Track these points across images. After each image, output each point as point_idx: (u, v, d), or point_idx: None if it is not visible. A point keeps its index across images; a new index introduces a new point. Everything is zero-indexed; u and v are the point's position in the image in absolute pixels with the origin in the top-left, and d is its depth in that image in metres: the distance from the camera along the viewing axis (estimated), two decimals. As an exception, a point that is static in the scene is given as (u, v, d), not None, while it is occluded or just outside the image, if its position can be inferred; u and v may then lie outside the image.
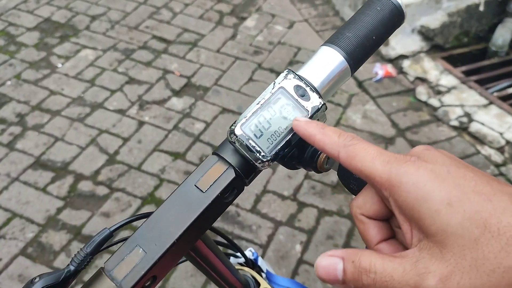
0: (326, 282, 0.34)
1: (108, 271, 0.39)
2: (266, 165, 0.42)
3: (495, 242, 0.28)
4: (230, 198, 0.43)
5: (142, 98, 2.44)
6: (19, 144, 2.20)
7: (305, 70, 0.46)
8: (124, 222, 0.45)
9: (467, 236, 0.29)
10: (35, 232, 1.87)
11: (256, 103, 0.43)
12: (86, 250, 0.42)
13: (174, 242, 0.40)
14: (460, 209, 0.30)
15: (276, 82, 0.44)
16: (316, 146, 0.39)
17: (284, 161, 0.45)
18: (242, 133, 0.42)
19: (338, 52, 0.45)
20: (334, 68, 0.45)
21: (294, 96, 0.43)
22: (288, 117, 0.42)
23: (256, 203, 1.98)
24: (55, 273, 0.41)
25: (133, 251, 0.40)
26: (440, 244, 0.30)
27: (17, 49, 2.73)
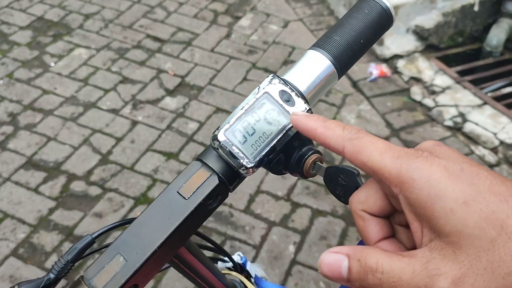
0: (330, 279, 0.33)
1: (88, 280, 0.38)
2: (250, 171, 0.41)
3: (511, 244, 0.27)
4: (214, 204, 0.42)
5: (135, 97, 2.43)
6: (11, 144, 2.18)
7: (291, 74, 0.45)
8: (106, 228, 0.44)
9: (484, 237, 0.28)
10: (26, 233, 1.85)
11: (240, 108, 0.42)
12: (66, 258, 0.41)
13: (156, 250, 0.39)
14: (476, 208, 0.29)
15: (261, 87, 0.43)
16: (318, 140, 0.37)
17: (270, 167, 0.45)
18: (225, 139, 0.41)
19: (324, 56, 0.44)
20: (320, 73, 0.44)
21: (279, 101, 0.42)
22: (273, 122, 0.42)
23: (249, 203, 1.97)
24: (34, 281, 0.40)
25: (114, 259, 0.39)
26: (454, 245, 0.29)
27: (10, 48, 2.71)
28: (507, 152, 2.16)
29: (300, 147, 0.45)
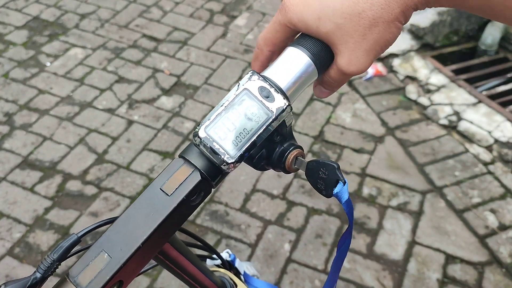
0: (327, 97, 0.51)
1: (73, 277, 0.39)
2: (231, 167, 0.42)
3: (354, 18, 0.41)
4: (197, 200, 0.43)
5: (131, 97, 2.43)
6: (6, 144, 2.18)
7: (271, 71, 0.46)
8: (91, 227, 0.44)
9: (339, 29, 0.42)
10: (22, 232, 1.85)
11: (221, 105, 0.43)
12: (52, 257, 0.41)
13: (140, 246, 0.39)
14: (325, 16, 0.42)
15: (240, 83, 0.43)
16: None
17: (252, 162, 0.45)
18: (206, 136, 0.41)
19: (304, 53, 0.45)
20: (300, 69, 0.45)
21: (258, 98, 0.43)
22: (253, 118, 0.42)
23: (245, 202, 1.97)
24: (21, 281, 0.40)
25: (98, 256, 0.39)
26: (334, 45, 0.44)
27: (5, 47, 2.71)
28: (501, 150, 2.17)
29: (281, 142, 0.46)
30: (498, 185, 2.03)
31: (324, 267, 1.77)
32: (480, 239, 1.85)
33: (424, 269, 1.77)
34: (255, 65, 0.49)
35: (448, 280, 1.74)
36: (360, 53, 0.43)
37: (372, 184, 2.05)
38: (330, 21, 0.42)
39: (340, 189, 0.41)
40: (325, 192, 0.42)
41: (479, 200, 1.98)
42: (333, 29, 0.43)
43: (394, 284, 1.73)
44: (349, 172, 2.10)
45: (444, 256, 1.81)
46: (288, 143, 0.46)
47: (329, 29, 0.43)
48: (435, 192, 2.02)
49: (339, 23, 0.42)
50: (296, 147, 0.46)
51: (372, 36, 0.42)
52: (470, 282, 1.73)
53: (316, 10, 0.43)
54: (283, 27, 0.46)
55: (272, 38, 0.47)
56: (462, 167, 2.11)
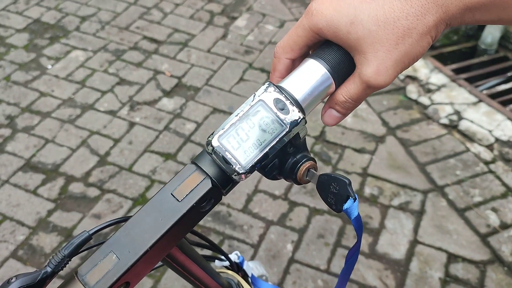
0: (335, 125, 0.48)
1: (81, 276, 0.39)
2: (242, 177, 0.42)
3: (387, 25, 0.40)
4: (207, 207, 0.43)
5: (133, 99, 2.44)
6: (9, 147, 2.19)
7: (288, 82, 0.46)
8: (103, 225, 0.45)
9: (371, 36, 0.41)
10: (25, 235, 1.86)
11: (235, 115, 0.43)
12: (63, 252, 0.42)
13: (147, 250, 0.40)
14: (358, 22, 0.41)
15: (256, 94, 0.43)
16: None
17: (265, 171, 0.46)
18: (219, 145, 0.42)
19: (322, 65, 0.45)
20: (317, 82, 0.45)
21: (273, 109, 0.43)
22: (267, 130, 0.42)
23: (247, 202, 1.98)
24: (32, 274, 0.41)
25: (107, 257, 0.40)
26: (362, 53, 0.42)
27: (7, 50, 2.72)
28: (502, 149, 2.18)
29: (294, 153, 0.46)
30: (499, 184, 2.04)
31: (327, 267, 1.78)
32: (482, 238, 1.86)
33: (426, 268, 1.78)
34: (273, 76, 0.48)
35: (450, 279, 1.75)
36: (389, 64, 0.42)
37: (373, 184, 2.06)
38: (363, 27, 0.41)
39: (350, 205, 0.41)
40: (335, 207, 0.42)
41: (481, 199, 1.98)
42: (364, 35, 0.41)
43: (397, 284, 1.73)
44: (350, 172, 2.10)
45: (446, 255, 1.81)
46: (301, 154, 0.46)
47: (361, 35, 0.41)
48: (436, 192, 2.02)
49: (372, 30, 0.41)
50: (309, 159, 0.46)
51: (404, 47, 0.41)
52: (472, 281, 1.74)
53: (348, 15, 0.42)
54: (307, 32, 0.45)
55: (292, 45, 0.46)
56: (463, 166, 2.12)
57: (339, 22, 0.42)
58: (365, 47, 0.42)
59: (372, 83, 0.43)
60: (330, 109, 0.47)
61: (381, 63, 0.42)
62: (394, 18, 0.40)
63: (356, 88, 0.44)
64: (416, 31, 0.41)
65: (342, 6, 0.42)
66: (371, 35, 0.41)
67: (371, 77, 0.42)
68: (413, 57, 0.42)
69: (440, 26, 0.41)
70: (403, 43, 0.41)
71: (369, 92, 0.44)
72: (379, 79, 0.42)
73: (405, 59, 0.42)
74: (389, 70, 0.42)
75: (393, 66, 0.42)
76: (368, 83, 0.43)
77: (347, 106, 0.46)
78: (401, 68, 0.43)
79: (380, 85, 0.43)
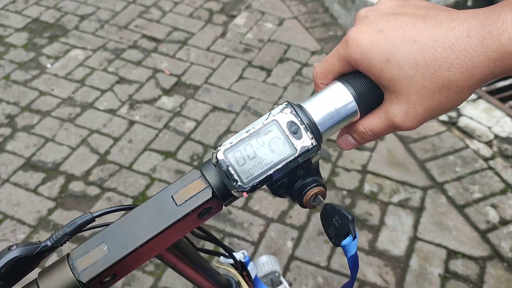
0: (350, 149, 0.48)
1: (72, 260, 0.41)
2: (242, 195, 0.42)
3: (426, 72, 0.38)
4: (205, 216, 0.43)
5: (132, 97, 2.44)
6: (9, 146, 2.19)
7: (311, 103, 0.44)
8: (108, 210, 0.45)
9: (406, 78, 0.39)
10: (26, 233, 1.86)
11: (245, 131, 0.42)
12: (65, 230, 0.43)
13: (138, 247, 0.40)
14: (395, 61, 0.39)
15: (271, 113, 0.42)
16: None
17: (272, 188, 0.44)
18: (223, 159, 0.41)
19: (348, 91, 0.43)
20: (340, 107, 0.43)
21: (285, 132, 0.41)
22: (276, 151, 0.41)
23: (247, 200, 1.98)
24: (32, 245, 0.42)
25: (99, 246, 0.41)
26: (394, 93, 0.40)
27: (6, 50, 2.72)
28: (501, 145, 2.18)
29: (304, 176, 0.44)
30: (499, 180, 2.04)
31: (327, 264, 1.78)
32: (481, 234, 1.86)
33: (426, 265, 1.78)
34: None
35: (450, 275, 1.75)
36: (420, 110, 0.40)
37: (373, 181, 2.06)
38: (400, 68, 0.39)
39: (348, 242, 0.40)
40: (334, 240, 0.41)
41: (480, 196, 1.99)
42: (399, 77, 0.39)
43: (397, 280, 1.74)
44: (350, 169, 2.11)
45: (445, 251, 1.82)
46: (311, 178, 0.45)
47: (395, 75, 0.39)
48: (436, 188, 2.03)
49: (408, 73, 0.38)
50: (318, 185, 0.45)
51: (439, 98, 0.39)
52: (472, 277, 1.74)
53: (385, 52, 0.39)
54: (341, 62, 0.43)
55: (326, 72, 0.44)
56: (463, 162, 2.12)
57: (374, 57, 0.40)
58: (398, 88, 0.40)
59: (398, 124, 0.41)
60: (347, 135, 0.46)
61: (412, 107, 0.40)
62: (435, 67, 0.38)
63: (380, 123, 0.43)
64: (456, 84, 0.38)
65: (380, 41, 0.40)
66: (407, 79, 0.39)
67: (398, 119, 0.41)
68: (447, 108, 0.40)
69: (487, 79, 0.38)
70: (439, 94, 0.39)
71: (392, 131, 0.43)
72: (405, 122, 0.41)
73: (437, 110, 0.40)
74: (418, 116, 0.40)
75: (423, 113, 0.40)
76: (393, 123, 0.41)
77: (365, 137, 0.44)
78: (431, 117, 0.41)
79: (405, 129, 0.41)
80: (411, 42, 0.38)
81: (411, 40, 0.38)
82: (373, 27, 0.40)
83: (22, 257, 0.41)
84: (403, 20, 0.40)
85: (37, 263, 0.42)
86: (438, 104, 0.39)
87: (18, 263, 0.41)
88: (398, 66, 0.39)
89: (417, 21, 0.39)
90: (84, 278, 0.39)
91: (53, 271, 0.41)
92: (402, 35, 0.39)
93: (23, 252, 0.41)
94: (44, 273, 0.41)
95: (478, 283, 1.73)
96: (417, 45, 0.38)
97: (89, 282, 0.39)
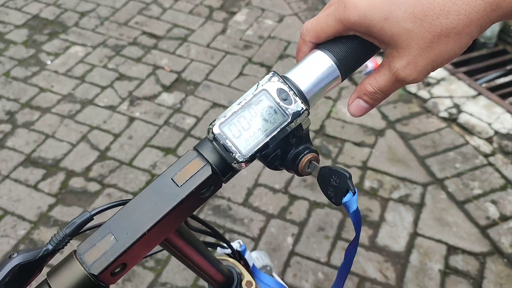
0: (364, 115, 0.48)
1: (80, 255, 0.40)
2: (242, 166, 0.42)
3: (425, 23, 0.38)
4: (207, 194, 0.43)
5: (132, 94, 2.44)
6: (9, 142, 2.19)
7: (294, 72, 0.45)
8: (105, 207, 0.45)
9: (406, 32, 0.39)
10: (27, 229, 1.86)
11: (237, 103, 0.43)
12: (65, 231, 0.43)
13: (145, 232, 0.40)
14: (393, 17, 0.39)
15: (260, 84, 0.43)
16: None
17: (267, 161, 0.45)
18: (219, 132, 0.42)
19: (329, 57, 0.44)
20: (323, 73, 0.45)
21: (276, 99, 0.43)
22: (269, 119, 0.42)
23: (247, 196, 1.98)
24: (33, 251, 0.41)
25: (105, 237, 0.40)
26: (395, 48, 0.41)
27: (6, 46, 2.72)
28: (501, 141, 2.18)
29: (297, 145, 0.45)
30: (499, 176, 2.04)
31: (327, 259, 1.78)
32: (481, 230, 1.86)
33: (426, 260, 1.78)
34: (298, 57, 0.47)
35: (450, 271, 1.76)
36: (421, 62, 0.40)
37: (373, 177, 2.06)
38: (398, 24, 0.39)
39: (349, 198, 0.41)
40: (334, 199, 0.42)
41: (480, 192, 1.99)
42: (399, 33, 0.40)
43: (397, 276, 1.74)
44: (350, 166, 2.11)
45: (445, 247, 1.82)
46: (303, 146, 0.46)
47: (395, 32, 0.40)
48: (436, 184, 2.03)
49: (407, 28, 0.39)
50: (311, 151, 0.46)
51: (438, 46, 0.39)
52: (472, 273, 1.75)
53: (383, 10, 0.40)
54: (337, 23, 0.43)
55: (319, 31, 0.44)
56: (463, 159, 2.12)
57: (373, 18, 0.40)
58: (399, 43, 0.40)
59: (402, 77, 0.42)
60: (358, 99, 0.46)
61: (413, 59, 0.40)
62: (433, 16, 0.38)
63: (386, 80, 0.43)
64: (455, 31, 0.38)
65: (377, 0, 0.40)
66: (406, 33, 0.39)
67: (401, 71, 0.41)
68: (447, 57, 0.40)
69: (485, 25, 0.39)
70: (438, 43, 0.39)
71: (398, 86, 0.43)
72: (410, 75, 0.41)
73: (437, 59, 0.40)
74: (418, 67, 0.41)
75: (425, 64, 0.41)
76: (397, 76, 0.42)
77: (376, 97, 0.45)
78: (433, 67, 0.41)
79: (408, 80, 0.42)
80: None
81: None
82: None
83: (24, 264, 0.40)
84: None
85: (40, 268, 0.42)
86: (439, 53, 0.40)
87: (22, 270, 0.40)
88: (397, 22, 0.39)
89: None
90: (95, 270, 0.39)
91: (62, 268, 0.40)
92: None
93: (25, 259, 0.41)
94: (53, 272, 0.40)
95: (478, 279, 1.73)
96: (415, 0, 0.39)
97: (100, 274, 0.39)
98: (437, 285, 1.72)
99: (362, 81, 0.45)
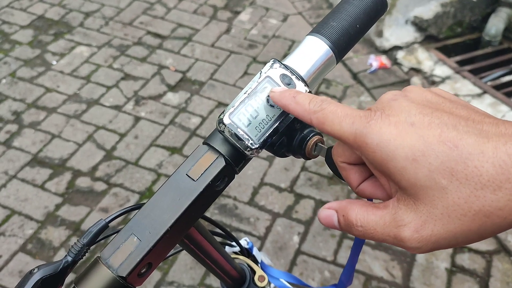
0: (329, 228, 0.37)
1: (105, 260, 0.40)
2: (255, 152, 0.43)
3: (463, 188, 0.29)
4: (222, 186, 0.44)
5: (138, 93, 2.45)
6: (16, 142, 2.20)
7: (291, 59, 0.47)
8: (119, 213, 0.46)
9: (435, 187, 0.30)
10: (34, 229, 1.87)
11: (244, 92, 0.44)
12: (82, 241, 0.43)
13: (168, 229, 0.40)
14: (425, 163, 0.30)
15: (263, 71, 0.44)
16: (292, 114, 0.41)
17: (273, 149, 0.46)
18: (230, 122, 0.42)
19: (323, 41, 0.46)
20: (319, 57, 0.46)
21: (280, 85, 0.44)
22: (275, 105, 0.43)
23: (253, 195, 1.99)
24: (53, 264, 0.41)
25: (128, 239, 0.40)
26: (412, 197, 0.32)
27: (11, 47, 2.73)
28: (507, 140, 2.18)
29: (301, 129, 0.47)
30: (505, 175, 2.04)
31: (333, 258, 1.79)
32: (488, 228, 1.86)
33: (433, 259, 1.78)
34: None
35: (456, 269, 1.76)
36: (439, 231, 0.31)
37: (379, 175, 2.06)
38: (429, 173, 0.30)
39: None
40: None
41: (486, 190, 1.99)
42: (426, 184, 0.31)
43: (403, 274, 1.74)
44: (356, 164, 2.11)
45: (452, 245, 1.82)
46: (308, 129, 0.47)
47: (421, 180, 0.31)
48: (441, 183, 2.03)
49: (439, 183, 0.30)
50: (316, 134, 0.47)
51: (470, 224, 0.30)
52: (479, 271, 1.75)
53: (414, 149, 0.31)
54: (348, 132, 0.35)
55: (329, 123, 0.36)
56: (468, 157, 2.12)
57: (397, 151, 0.31)
58: (421, 195, 0.31)
59: (403, 237, 0.32)
60: (333, 213, 0.37)
61: (430, 223, 0.31)
62: (477, 185, 0.29)
63: (380, 225, 0.34)
64: (500, 213, 0.29)
65: (410, 135, 0.31)
66: (437, 188, 0.30)
67: (408, 230, 0.32)
68: (473, 239, 0.31)
69: None
70: (473, 220, 0.30)
71: (390, 242, 0.33)
72: (414, 239, 0.32)
73: (460, 237, 0.31)
74: (433, 237, 0.31)
75: (441, 236, 0.31)
76: (398, 233, 0.32)
77: (351, 229, 0.36)
78: (448, 245, 0.32)
79: (409, 247, 0.32)
80: (451, 147, 0.30)
81: (450, 145, 0.30)
82: (403, 117, 0.32)
83: (46, 277, 0.41)
84: (442, 117, 0.32)
85: (62, 281, 0.42)
86: (465, 232, 0.30)
87: (44, 284, 0.40)
88: (427, 170, 0.30)
89: (459, 123, 0.31)
90: (123, 272, 0.39)
91: (89, 275, 0.40)
92: (440, 136, 0.31)
93: (46, 273, 0.41)
94: (81, 279, 0.40)
95: (484, 277, 1.73)
96: (457, 151, 0.30)
97: (128, 275, 0.39)
98: (443, 283, 1.72)
99: (352, 204, 0.36)
